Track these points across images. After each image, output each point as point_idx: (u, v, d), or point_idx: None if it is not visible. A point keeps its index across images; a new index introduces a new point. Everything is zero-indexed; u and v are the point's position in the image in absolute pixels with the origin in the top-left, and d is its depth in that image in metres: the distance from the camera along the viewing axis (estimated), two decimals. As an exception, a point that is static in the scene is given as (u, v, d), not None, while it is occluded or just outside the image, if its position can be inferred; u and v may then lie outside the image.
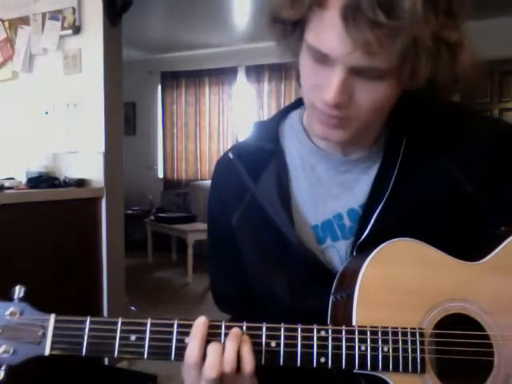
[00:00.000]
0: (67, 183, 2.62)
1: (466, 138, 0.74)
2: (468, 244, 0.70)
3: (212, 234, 0.87)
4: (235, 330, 0.61)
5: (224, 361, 0.59)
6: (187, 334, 0.61)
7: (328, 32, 0.59)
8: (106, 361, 2.69)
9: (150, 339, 0.61)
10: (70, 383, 2.38)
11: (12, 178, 2.75)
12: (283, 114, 0.84)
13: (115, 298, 2.73)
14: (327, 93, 0.62)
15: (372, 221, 0.71)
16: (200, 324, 0.61)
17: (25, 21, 2.91)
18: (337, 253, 0.75)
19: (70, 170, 2.73)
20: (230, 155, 0.81)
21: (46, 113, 2.89)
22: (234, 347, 0.60)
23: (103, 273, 2.69)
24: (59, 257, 2.38)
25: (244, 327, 0.62)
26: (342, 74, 0.60)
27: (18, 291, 0.63)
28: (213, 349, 0.60)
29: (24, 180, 2.69)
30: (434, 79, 0.62)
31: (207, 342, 0.61)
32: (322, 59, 0.62)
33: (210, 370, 0.59)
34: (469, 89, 0.67)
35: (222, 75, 6.39)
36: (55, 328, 0.61)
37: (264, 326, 0.62)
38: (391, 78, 0.61)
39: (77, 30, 2.73)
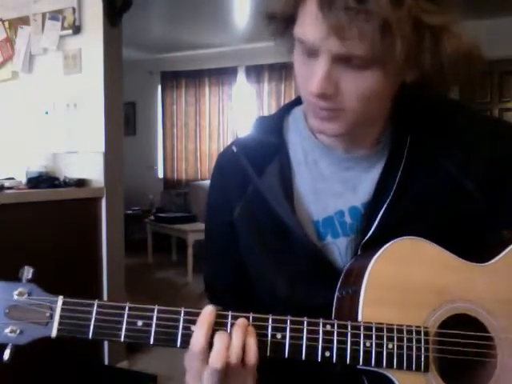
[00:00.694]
0: (67, 183, 2.62)
1: (467, 138, 0.74)
2: (470, 244, 0.70)
3: (210, 230, 0.87)
4: (241, 321, 0.62)
5: (230, 352, 0.60)
6: (193, 322, 0.61)
7: (308, 21, 0.62)
8: (106, 361, 2.69)
9: (157, 325, 0.61)
10: (70, 383, 2.38)
11: (12, 178, 2.75)
12: (286, 109, 0.85)
13: (115, 298, 2.73)
14: (312, 83, 0.63)
15: (377, 220, 0.71)
16: (207, 313, 0.61)
17: (25, 21, 2.91)
18: (337, 249, 0.75)
19: (70, 169, 2.73)
20: (234, 148, 0.81)
21: (46, 113, 2.89)
22: (240, 338, 0.60)
23: (103, 273, 2.69)
24: (59, 257, 2.38)
25: (250, 318, 0.62)
26: (325, 63, 0.62)
27: (27, 272, 0.63)
28: (220, 339, 0.60)
29: (24, 180, 2.69)
30: (420, 67, 0.63)
31: (213, 331, 0.61)
32: (309, 51, 0.64)
33: (216, 360, 0.59)
34: (459, 78, 0.67)
35: (222, 75, 6.39)
36: (63, 310, 0.62)
37: (270, 317, 0.63)
38: (376, 68, 0.62)
39: (77, 29, 2.73)
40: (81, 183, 2.65)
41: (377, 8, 0.55)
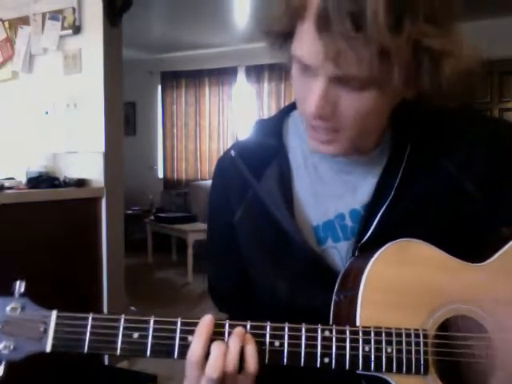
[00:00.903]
0: (67, 183, 2.62)
1: (466, 139, 0.74)
2: (470, 245, 0.70)
3: (212, 231, 0.87)
4: (238, 329, 0.61)
5: (227, 360, 0.59)
6: (190, 332, 0.61)
7: (306, 42, 0.61)
8: (106, 361, 2.69)
9: (153, 337, 0.60)
10: (70, 383, 2.38)
11: (12, 178, 2.75)
12: (286, 111, 0.84)
13: (115, 298, 2.73)
14: (309, 103, 0.63)
15: (375, 221, 0.71)
16: (206, 322, 0.61)
17: (25, 21, 2.91)
18: (338, 253, 0.75)
19: (70, 169, 2.74)
20: (232, 153, 0.81)
21: (46, 113, 2.89)
22: (237, 347, 0.60)
23: (103, 273, 2.69)
24: (59, 257, 2.38)
25: (248, 326, 0.62)
26: (323, 84, 0.62)
27: (19, 286, 0.62)
28: (216, 348, 0.60)
29: (24, 180, 2.69)
30: (419, 88, 0.62)
31: (211, 340, 0.60)
32: (306, 70, 0.63)
33: (213, 369, 0.59)
34: (459, 95, 0.66)
35: (222, 75, 6.39)
36: (57, 324, 0.60)
37: (268, 325, 0.62)
38: (374, 89, 0.61)
39: (77, 30, 2.73)
40: (81, 183, 2.65)
41: (375, 35, 0.55)
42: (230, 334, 0.61)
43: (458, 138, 0.74)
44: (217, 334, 0.61)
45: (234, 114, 6.39)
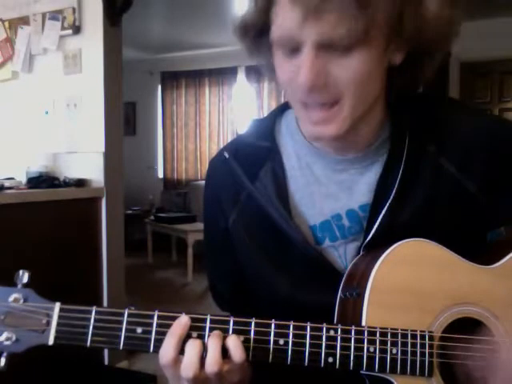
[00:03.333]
0: (67, 183, 2.62)
1: (467, 138, 0.74)
2: (473, 245, 0.70)
3: (208, 234, 0.87)
4: (215, 332, 0.60)
5: (207, 360, 0.58)
6: (196, 328, 0.60)
7: (283, 15, 0.62)
8: (106, 360, 2.69)
9: (157, 332, 0.60)
10: (70, 383, 2.38)
11: (12, 178, 2.75)
12: (278, 112, 0.84)
13: (115, 299, 2.73)
14: (301, 78, 0.62)
15: (378, 220, 0.71)
16: (181, 324, 0.60)
17: (25, 21, 2.91)
18: (336, 252, 0.75)
19: (70, 170, 2.73)
20: (226, 155, 0.80)
21: (46, 113, 2.89)
22: (215, 343, 0.59)
23: (103, 273, 2.69)
24: (59, 257, 2.38)
25: (252, 323, 0.61)
26: (310, 52, 0.61)
27: (21, 276, 0.61)
28: (191, 347, 0.59)
29: (24, 180, 2.69)
30: (404, 35, 0.64)
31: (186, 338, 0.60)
32: (290, 48, 0.64)
33: (187, 369, 0.58)
34: (443, 45, 0.68)
35: (222, 75, 6.39)
36: (60, 317, 0.60)
37: (273, 323, 0.61)
38: (361, 48, 0.61)
39: (77, 30, 2.73)
40: (81, 183, 2.65)
41: None
42: (211, 329, 0.60)
43: (458, 138, 0.74)
44: (197, 330, 0.60)
45: (233, 114, 6.39)
